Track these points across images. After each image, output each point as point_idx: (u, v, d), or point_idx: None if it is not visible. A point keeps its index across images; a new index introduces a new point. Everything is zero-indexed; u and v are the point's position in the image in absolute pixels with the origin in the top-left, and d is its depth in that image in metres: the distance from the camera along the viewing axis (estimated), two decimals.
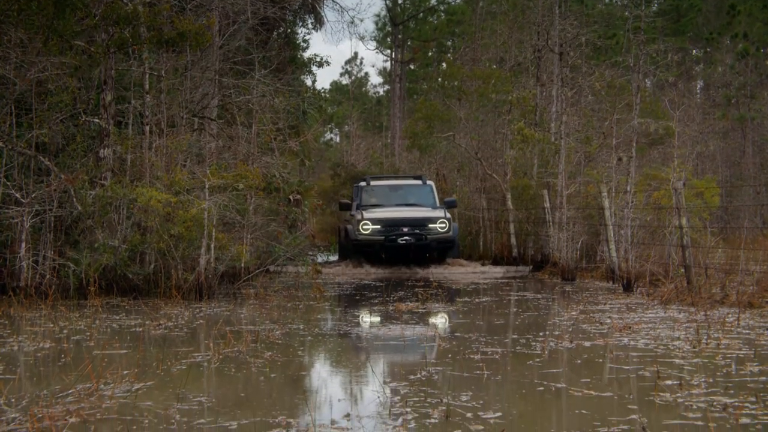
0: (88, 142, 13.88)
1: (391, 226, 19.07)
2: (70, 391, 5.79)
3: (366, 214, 19.41)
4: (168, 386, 6.27)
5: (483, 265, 20.82)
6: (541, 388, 6.21)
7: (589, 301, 12.45)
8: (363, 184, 21.50)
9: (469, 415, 5.44)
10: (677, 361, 7.28)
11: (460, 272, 19.21)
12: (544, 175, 20.12)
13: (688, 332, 8.93)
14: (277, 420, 5.14)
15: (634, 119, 17.51)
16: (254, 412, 5.58)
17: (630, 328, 9.31)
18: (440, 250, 19.62)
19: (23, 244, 12.41)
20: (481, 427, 5.02)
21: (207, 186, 13.49)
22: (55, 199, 12.84)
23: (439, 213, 19.39)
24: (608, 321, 9.90)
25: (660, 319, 10.17)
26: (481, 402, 6.02)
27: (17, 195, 12.57)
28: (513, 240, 21.05)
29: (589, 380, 6.50)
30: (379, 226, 19.12)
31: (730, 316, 10.09)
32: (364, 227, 19.15)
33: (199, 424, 5.09)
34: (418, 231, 18.91)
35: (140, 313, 10.95)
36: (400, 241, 18.88)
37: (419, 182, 21.40)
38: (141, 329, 9.48)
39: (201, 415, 5.33)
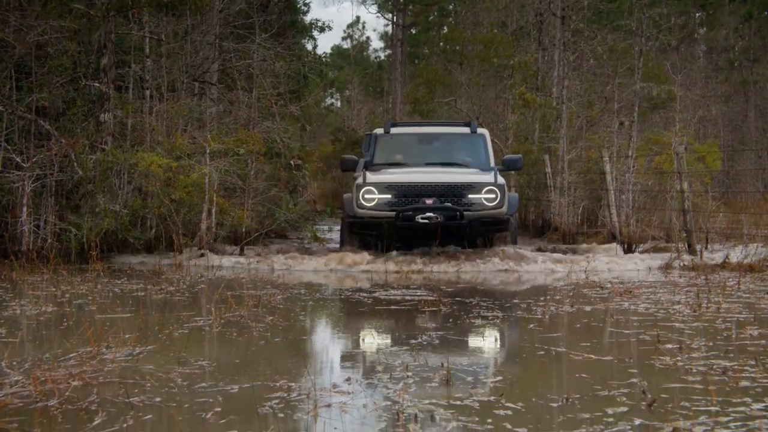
0: (88, 106, 13.84)
1: (408, 195, 12.64)
2: (72, 355, 5.81)
3: (371, 177, 12.85)
4: (169, 350, 6.29)
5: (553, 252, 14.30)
6: (542, 353, 6.22)
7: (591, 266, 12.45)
8: (379, 132, 14.72)
9: (469, 379, 5.45)
10: (677, 325, 7.29)
11: (525, 277, 11.71)
12: (546, 140, 20.07)
13: (688, 296, 8.94)
14: (278, 384, 5.15)
15: (636, 83, 17.43)
16: (255, 376, 5.59)
17: (630, 292, 9.33)
18: (484, 234, 13.28)
19: (24, 209, 12.41)
20: (482, 391, 5.04)
21: (208, 151, 13.47)
22: (55, 164, 12.83)
23: (487, 177, 12.81)
24: (609, 286, 9.91)
25: (660, 283, 10.18)
26: (482, 366, 6.04)
27: (18, 159, 12.56)
28: None
29: (589, 344, 6.51)
30: (389, 196, 12.68)
31: (730, 280, 10.10)
32: (367, 197, 12.69)
33: (200, 388, 5.11)
34: (450, 204, 12.48)
35: (141, 277, 10.97)
36: (419, 219, 12.34)
37: (466, 130, 14.60)
38: (142, 294, 9.50)
39: (202, 379, 5.35)
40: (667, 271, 11.71)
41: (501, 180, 12.80)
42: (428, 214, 12.39)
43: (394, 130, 14.73)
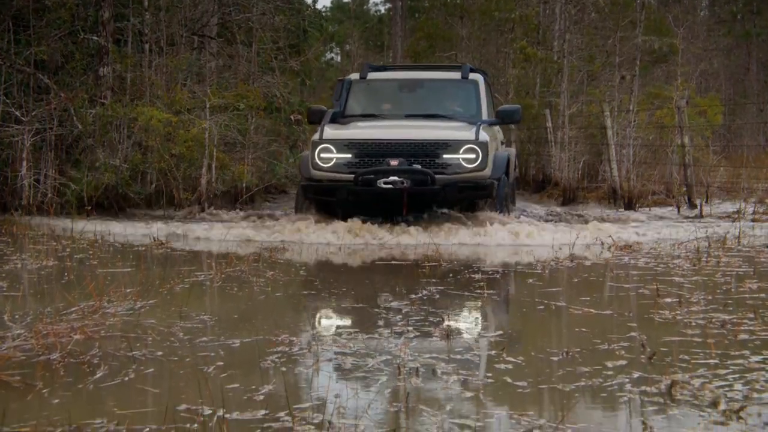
0: (87, 60, 13.77)
1: (371, 155, 10.62)
2: (73, 309, 5.83)
3: (329, 132, 10.89)
4: (170, 305, 6.31)
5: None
6: (542, 307, 6.24)
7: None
8: (354, 77, 12.61)
9: (469, 333, 5.48)
10: (677, 279, 7.31)
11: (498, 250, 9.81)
12: (547, 95, 19.98)
13: (688, 250, 8.95)
14: (279, 338, 5.18)
15: (638, 37, 17.32)
16: (257, 330, 5.62)
17: (630, 246, 9.34)
18: (462, 201, 11.14)
19: (24, 163, 12.41)
20: (483, 345, 5.06)
21: (207, 106, 13.42)
22: (55, 118, 12.80)
23: (466, 133, 10.74)
24: (609, 240, 9.92)
25: (660, 237, 10.19)
26: (482, 320, 6.07)
27: (17, 113, 12.53)
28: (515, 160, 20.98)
29: (588, 299, 6.53)
30: (349, 155, 10.69)
31: (730, 233, 10.10)
32: (323, 156, 10.73)
33: (201, 342, 5.13)
34: (419, 166, 10.45)
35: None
36: (381, 183, 10.32)
37: (456, 75, 12.42)
38: (143, 248, 9.51)
39: (204, 333, 5.37)
40: (666, 224, 11.71)
41: (484, 137, 10.61)
42: (392, 178, 10.24)
43: (371, 76, 12.54)
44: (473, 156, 10.59)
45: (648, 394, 4.02)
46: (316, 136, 10.96)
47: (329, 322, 5.91)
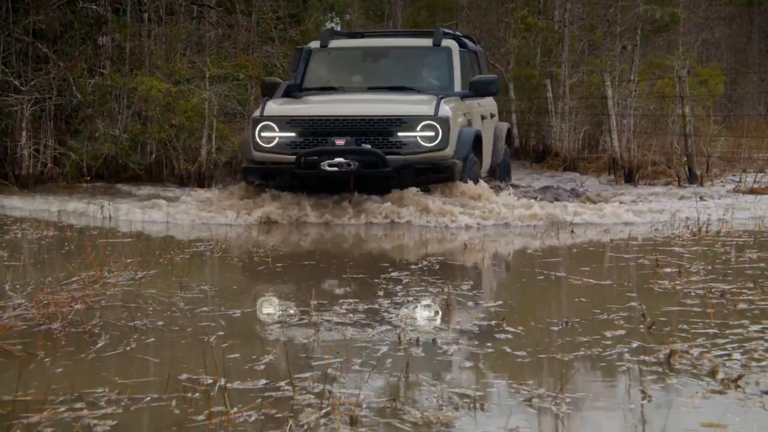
0: (86, 29, 13.71)
1: (316, 134, 9.44)
2: (74, 279, 5.85)
3: (271, 108, 9.73)
4: (171, 275, 6.33)
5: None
6: (541, 277, 6.26)
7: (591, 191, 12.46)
8: (315, 45, 11.28)
9: (470, 303, 5.49)
10: (677, 249, 7.32)
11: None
12: (547, 65, 19.91)
13: (688, 220, 8.95)
14: (280, 308, 5.19)
15: (639, 6, 17.24)
16: (257, 300, 5.64)
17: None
18: (420, 184, 9.63)
19: (24, 132, 12.40)
20: (482, 315, 5.08)
21: (207, 76, 13.37)
22: (54, 87, 12.78)
23: (424, 108, 9.50)
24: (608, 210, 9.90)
25: (661, 208, 10.16)
26: (482, 291, 6.08)
27: (16, 82, 12.50)
28: (515, 131, 20.94)
29: (588, 269, 6.55)
30: (292, 134, 9.48)
31: (731, 203, 10.09)
32: (264, 135, 9.54)
33: (202, 312, 5.15)
34: (369, 146, 9.27)
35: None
36: (326, 166, 9.13)
37: (427, 43, 11.06)
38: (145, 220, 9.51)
39: (204, 303, 5.39)
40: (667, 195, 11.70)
41: (445, 111, 9.40)
42: (338, 160, 9.04)
43: (333, 44, 11.24)
44: (432, 134, 9.28)
45: (647, 363, 4.04)
46: (256, 113, 9.71)
47: (329, 287, 5.93)
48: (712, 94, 16.51)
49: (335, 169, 9.06)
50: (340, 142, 9.18)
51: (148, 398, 3.53)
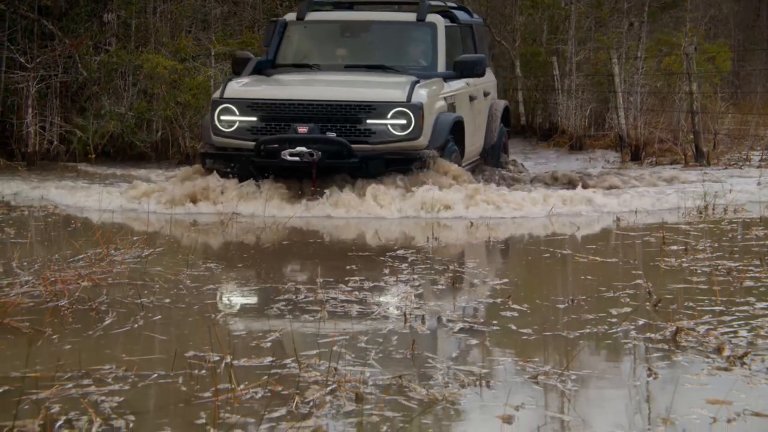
0: (91, 6, 13.66)
1: (278, 119, 8.67)
2: (81, 256, 5.86)
3: (232, 89, 8.91)
4: (177, 252, 6.34)
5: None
6: (547, 255, 6.26)
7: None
8: (291, 18, 10.37)
9: (475, 281, 5.50)
10: (683, 227, 7.31)
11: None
12: (554, 42, 19.83)
13: (695, 198, 8.92)
14: (286, 286, 5.20)
15: None
16: (264, 278, 5.65)
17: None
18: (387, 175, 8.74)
19: (30, 110, 12.39)
20: (488, 293, 5.09)
21: (213, 53, 13.35)
22: (60, 65, 12.75)
23: (396, 93, 8.68)
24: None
25: (668, 185, 10.13)
26: (488, 269, 6.08)
27: (22, 60, 12.48)
28: (521, 108, 20.87)
29: (594, 247, 6.54)
30: (253, 118, 8.72)
31: (737, 181, 10.06)
32: (224, 119, 8.76)
33: (208, 290, 5.16)
34: (334, 135, 8.51)
35: (147, 180, 10.98)
36: (286, 156, 8.37)
37: (410, 18, 10.06)
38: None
39: (210, 281, 5.40)
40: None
41: (420, 97, 8.59)
42: (299, 149, 8.28)
43: (310, 17, 10.30)
44: (404, 121, 8.46)
45: (653, 341, 4.05)
46: (216, 94, 8.96)
47: (335, 266, 5.93)
48: (719, 71, 16.43)
49: (296, 158, 8.29)
50: (302, 129, 8.40)
51: (155, 375, 3.54)
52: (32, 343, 3.92)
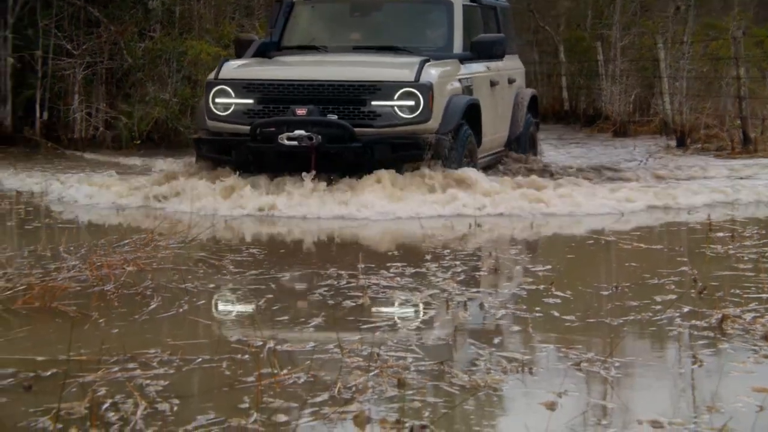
0: None
1: (277, 101, 8.10)
2: (126, 241, 5.91)
3: (228, 70, 8.39)
4: (221, 238, 6.38)
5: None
6: (591, 242, 6.22)
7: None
8: None
9: (518, 268, 5.48)
10: (730, 213, 7.22)
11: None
12: (598, 27, 19.65)
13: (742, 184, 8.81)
14: (328, 272, 5.22)
15: None
16: (306, 264, 5.67)
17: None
18: (396, 161, 8.09)
19: (76, 96, 12.55)
20: (531, 279, 5.06)
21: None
22: (105, 51, 12.87)
23: (403, 73, 8.12)
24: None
25: (713, 169, 10.01)
26: (530, 255, 6.06)
27: (68, 46, 12.61)
28: (565, 94, 20.72)
29: (639, 233, 6.49)
30: (250, 101, 8.15)
31: None
32: (219, 102, 8.20)
33: (251, 275, 5.19)
34: (335, 117, 7.90)
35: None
36: (284, 140, 7.73)
37: None
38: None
39: (254, 266, 5.43)
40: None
41: (429, 77, 7.99)
42: (297, 133, 7.67)
43: None
44: (411, 103, 7.85)
45: (698, 328, 4.01)
46: (211, 75, 8.46)
47: (379, 252, 5.94)
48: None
49: (294, 143, 7.66)
50: (301, 111, 7.79)
51: (199, 359, 3.57)
52: (79, 327, 3.97)
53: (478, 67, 9.10)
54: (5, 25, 12.37)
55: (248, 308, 4.41)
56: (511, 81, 10.16)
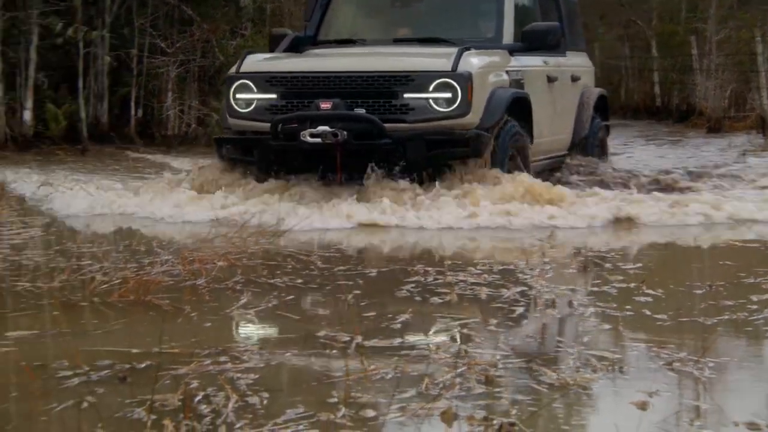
0: None
1: (301, 95, 7.45)
2: (217, 237, 6.00)
3: (251, 62, 7.84)
4: (310, 234, 6.43)
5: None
6: (681, 240, 6.11)
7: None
8: None
9: (608, 265, 5.41)
10: None
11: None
12: (693, 21, 19.27)
13: None
14: (415, 268, 5.22)
15: None
16: (394, 261, 5.69)
17: None
18: (434, 160, 7.42)
19: (169, 94, 12.80)
20: (621, 277, 4.99)
21: None
22: (198, 49, 13.10)
23: (440, 62, 7.42)
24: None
25: None
26: (621, 253, 5.98)
27: (162, 45, 12.87)
28: (657, 89, 20.40)
29: (734, 231, 6.35)
30: (273, 96, 7.55)
31: None
32: (240, 97, 7.63)
33: (340, 271, 5.22)
34: (363, 111, 7.26)
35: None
36: (306, 137, 7.10)
37: None
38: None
39: (342, 263, 5.47)
40: None
41: (468, 66, 7.27)
42: (321, 129, 7.00)
43: None
44: (448, 95, 7.16)
45: None
46: (232, 69, 7.86)
47: (468, 254, 5.93)
48: None
49: (317, 140, 7.02)
50: (325, 105, 7.15)
51: (288, 354, 3.61)
52: (172, 320, 4.05)
53: (532, 61, 8.38)
54: (103, 25, 12.69)
55: (336, 303, 4.44)
56: (575, 78, 9.33)
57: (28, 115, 12.22)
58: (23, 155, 11.60)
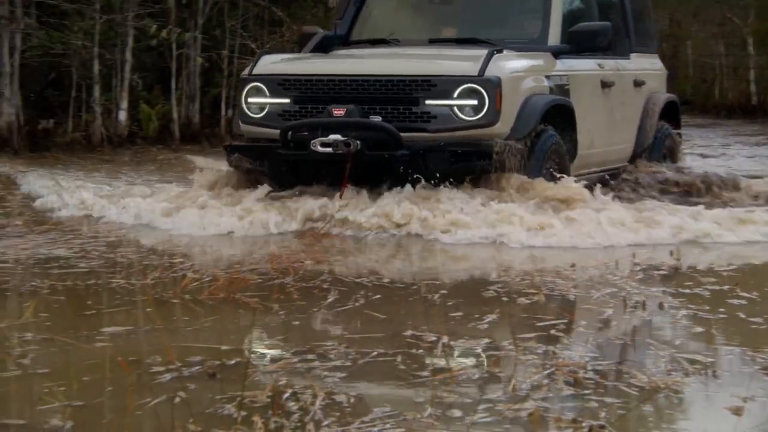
0: None
1: (315, 100, 6.84)
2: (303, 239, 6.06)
3: (265, 64, 7.25)
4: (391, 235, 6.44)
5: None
6: None
7: None
8: None
9: (700, 267, 5.31)
10: None
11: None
12: None
13: None
14: (502, 269, 5.19)
15: None
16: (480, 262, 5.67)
17: None
18: (455, 173, 6.59)
19: None
20: (714, 279, 4.89)
21: None
22: (287, 50, 13.25)
23: (467, 66, 6.68)
24: None
25: None
26: (713, 254, 5.86)
27: (253, 46, 13.06)
28: (753, 88, 19.93)
29: None
30: (286, 100, 6.91)
31: None
32: (252, 102, 7.05)
33: (425, 269, 5.23)
34: (379, 119, 6.60)
35: None
36: (317, 146, 6.45)
37: None
38: None
39: (428, 261, 5.47)
40: None
41: (497, 70, 6.60)
42: (333, 138, 6.40)
43: None
44: (474, 102, 6.50)
45: None
46: (245, 71, 7.35)
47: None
48: None
49: (328, 149, 6.42)
50: (338, 112, 6.55)
51: (375, 353, 3.62)
52: (261, 318, 4.10)
53: (581, 64, 7.64)
54: (195, 26, 12.92)
55: (422, 303, 4.44)
56: (638, 83, 8.51)
57: (123, 116, 12.52)
58: (119, 155, 11.91)
